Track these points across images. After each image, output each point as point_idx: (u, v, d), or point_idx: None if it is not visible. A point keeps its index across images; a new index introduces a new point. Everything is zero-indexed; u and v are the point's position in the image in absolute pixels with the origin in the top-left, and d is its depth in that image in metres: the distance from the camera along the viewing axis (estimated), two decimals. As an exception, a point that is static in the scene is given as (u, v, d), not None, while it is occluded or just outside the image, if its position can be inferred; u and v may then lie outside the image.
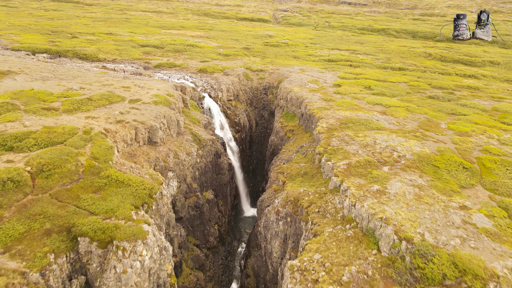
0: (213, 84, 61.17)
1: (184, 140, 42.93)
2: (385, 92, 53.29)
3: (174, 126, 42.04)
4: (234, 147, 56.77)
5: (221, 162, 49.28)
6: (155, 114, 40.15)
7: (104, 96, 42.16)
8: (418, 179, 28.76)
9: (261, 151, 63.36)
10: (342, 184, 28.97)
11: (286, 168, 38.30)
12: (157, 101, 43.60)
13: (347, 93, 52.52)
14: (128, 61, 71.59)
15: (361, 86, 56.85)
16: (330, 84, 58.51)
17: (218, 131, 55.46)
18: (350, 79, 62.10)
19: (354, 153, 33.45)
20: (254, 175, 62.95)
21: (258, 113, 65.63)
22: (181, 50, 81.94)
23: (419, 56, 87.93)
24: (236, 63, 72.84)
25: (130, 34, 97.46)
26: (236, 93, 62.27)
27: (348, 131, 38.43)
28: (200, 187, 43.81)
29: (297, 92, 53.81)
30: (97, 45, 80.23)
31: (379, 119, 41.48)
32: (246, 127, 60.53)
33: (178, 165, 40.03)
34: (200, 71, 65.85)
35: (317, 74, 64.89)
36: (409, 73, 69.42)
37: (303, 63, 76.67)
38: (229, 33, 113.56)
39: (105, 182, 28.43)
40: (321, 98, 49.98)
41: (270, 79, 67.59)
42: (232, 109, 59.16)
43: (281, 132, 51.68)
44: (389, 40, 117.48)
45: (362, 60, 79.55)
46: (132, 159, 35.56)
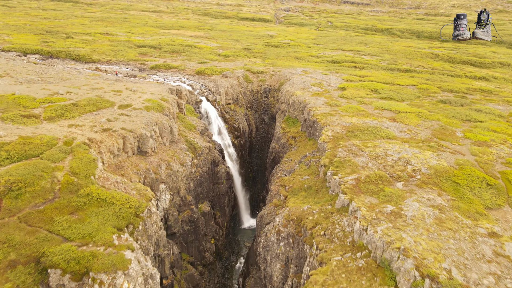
0: (211, 87, 57.86)
1: (178, 149, 39.63)
2: (393, 96, 49.87)
3: (167, 133, 38.75)
4: (233, 153, 53.47)
5: (218, 171, 45.98)
6: (146, 121, 36.87)
7: (91, 101, 38.89)
8: (437, 198, 25.37)
9: (262, 158, 60.03)
10: (351, 203, 25.62)
11: (287, 180, 34.95)
12: (149, 107, 40.33)
13: (353, 97, 49.12)
14: (123, 63, 68.34)
15: (367, 90, 53.43)
16: (334, 87, 55.12)
17: (216, 137, 52.17)
18: (355, 81, 58.68)
19: (363, 166, 30.09)
20: (254, 183, 59.61)
21: (258, 117, 62.29)
22: (179, 50, 78.62)
23: (426, 57, 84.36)
24: (236, 64, 69.49)
25: (127, 34, 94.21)
26: (236, 96, 58.95)
27: (356, 140, 35.06)
28: (195, 199, 40.52)
29: (299, 95, 50.45)
30: (92, 46, 77.02)
31: (389, 127, 38.08)
32: (246, 132, 57.20)
33: (171, 177, 36.74)
34: (197, 73, 62.55)
35: (320, 76, 61.49)
36: (417, 75, 65.94)
37: (306, 64, 73.25)
38: (229, 33, 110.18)
39: (85, 201, 25.16)
40: (325, 103, 46.61)
41: (271, 81, 64.23)
42: (231, 114, 55.84)
43: (283, 138, 48.34)
44: (394, 41, 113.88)
45: (367, 61, 76.06)
46: (119, 171, 32.28)
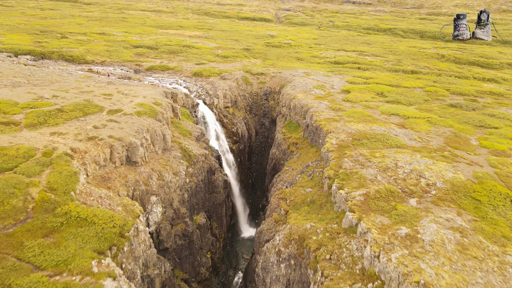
0: (209, 89, 55.08)
1: (171, 157, 36.84)
2: (400, 100, 47.02)
3: (159, 141, 35.97)
4: (231, 160, 50.67)
5: (215, 179, 43.21)
6: (137, 128, 34.10)
7: (78, 106, 36.13)
8: (456, 218, 22.56)
9: (262, 163, 57.23)
10: (360, 224, 22.82)
11: (289, 193, 32.14)
12: (141, 112, 37.56)
13: (358, 101, 46.29)
14: (118, 64, 65.59)
15: (372, 93, 50.59)
16: (338, 90, 52.29)
17: (213, 142, 49.39)
18: (359, 84, 55.84)
19: (372, 180, 27.29)
20: (253, 190, 56.79)
21: (258, 120, 59.50)
22: (176, 51, 75.84)
23: (432, 58, 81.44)
24: (235, 65, 66.69)
25: (124, 34, 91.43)
26: (234, 99, 56.15)
27: (363, 149, 32.25)
28: (190, 211, 37.75)
29: (301, 99, 47.64)
30: (87, 46, 74.27)
31: (398, 134, 35.25)
32: (245, 137, 54.40)
33: (163, 188, 33.96)
34: (195, 75, 59.76)
35: (323, 78, 58.66)
36: (424, 77, 63.07)
37: (307, 65, 70.42)
38: (229, 33, 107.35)
39: (62, 221, 22.40)
40: (328, 107, 43.80)
41: (271, 83, 61.42)
42: (229, 117, 53.05)
43: (284, 144, 45.55)
44: (397, 41, 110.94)
45: (371, 62, 73.19)
46: (105, 184, 29.52)
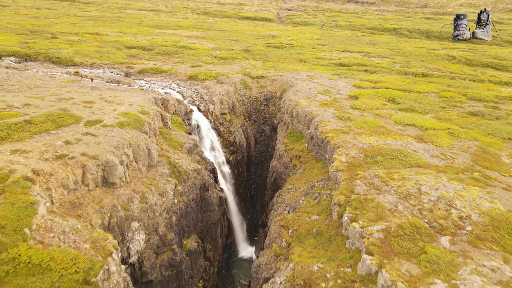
0: (204, 94, 50.39)
1: (158, 175, 32.16)
2: (414, 107, 42.24)
3: (143, 157, 31.30)
4: (228, 172, 45.97)
5: (209, 196, 38.53)
6: (117, 143, 29.44)
7: (51, 116, 31.48)
8: (504, 267, 17.80)
9: (261, 174, 52.52)
10: (382, 273, 18.09)
11: (291, 220, 27.41)
12: (123, 122, 32.90)
13: (368, 109, 41.53)
14: (108, 66, 60.97)
15: (383, 99, 45.81)
16: (344, 95, 47.52)
17: (208, 153, 44.71)
18: (368, 88, 51.06)
19: (391, 209, 22.56)
20: (252, 203, 52.07)
21: (257, 128, 54.76)
22: (171, 52, 71.17)
23: (442, 59, 76.50)
24: (233, 68, 61.96)
25: (118, 34, 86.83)
26: (232, 105, 51.45)
27: (378, 168, 27.51)
28: (179, 235, 33.08)
29: (304, 106, 42.92)
30: (77, 47, 69.66)
31: (417, 150, 30.47)
32: (243, 146, 49.69)
33: (146, 212, 29.31)
34: (189, 78, 55.08)
35: (328, 82, 53.89)
36: (436, 80, 58.22)
37: (311, 67, 65.64)
38: (228, 33, 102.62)
39: (8, 269, 17.77)
40: (335, 116, 39.06)
41: (272, 87, 56.68)
42: (226, 125, 48.35)
43: (285, 157, 40.84)
44: (404, 41, 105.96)
45: (378, 64, 68.36)
46: (75, 211, 24.88)
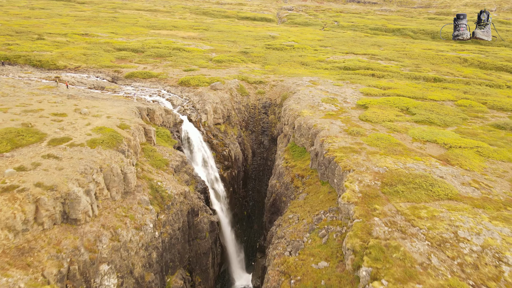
0: (196, 102, 45.21)
1: (135, 203, 27.00)
2: (432, 119, 37.05)
3: (118, 182, 26.16)
4: (221, 190, 40.81)
5: (198, 221, 33.39)
6: (84, 167, 24.30)
7: (8, 134, 26.33)
8: None
9: (259, 190, 47.36)
10: None
11: (294, 265, 22.21)
12: (96, 140, 27.75)
13: (380, 121, 36.35)
14: (94, 70, 55.81)
15: (395, 108, 40.63)
16: (352, 104, 42.33)
17: (199, 170, 39.57)
18: (377, 96, 45.87)
19: (423, 264, 17.39)
20: (249, 222, 46.84)
21: (255, 139, 49.56)
22: (164, 55, 65.98)
23: (453, 62, 71.22)
24: (230, 72, 56.76)
25: (109, 35, 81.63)
26: (227, 113, 46.28)
27: (399, 201, 22.32)
28: (161, 273, 27.94)
29: (307, 117, 37.75)
30: (63, 49, 64.50)
31: (444, 175, 25.27)
32: (239, 160, 44.51)
33: (119, 251, 24.17)
34: (181, 84, 49.89)
35: (332, 88, 48.70)
36: (450, 86, 52.98)
37: (313, 72, 60.43)
38: (226, 33, 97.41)
39: None
40: (343, 130, 33.88)
41: (271, 94, 51.48)
42: (220, 137, 43.18)
43: (286, 175, 35.66)
44: (409, 42, 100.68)
45: (386, 67, 63.13)
46: (23, 259, 19.75)
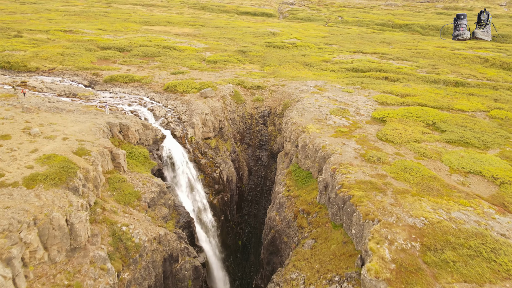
0: (183, 113, 38.11)
1: (86, 263, 20.02)
2: (467, 138, 29.86)
3: (60, 238, 19.20)
4: (210, 221, 33.85)
5: (179, 269, 26.49)
6: (8, 222, 17.34)
7: None
8: None
9: (257, 215, 40.39)
10: None
11: None
12: (38, 176, 20.77)
13: (403, 141, 29.18)
14: (70, 72, 48.66)
15: (419, 122, 33.42)
16: (366, 116, 35.16)
17: (183, 197, 32.58)
18: (395, 105, 38.68)
19: None
20: (244, 254, 39.71)
21: (252, 154, 42.47)
22: (152, 54, 58.74)
23: (473, 62, 63.69)
24: (224, 75, 49.50)
25: (96, 32, 74.26)
26: (219, 125, 39.20)
27: (452, 279, 15.28)
28: None
29: (314, 135, 30.65)
30: (40, 48, 57.31)
31: (507, 232, 18.17)
32: (233, 182, 37.50)
33: None
34: (167, 90, 42.73)
35: (342, 95, 41.48)
36: (476, 92, 45.65)
37: (319, 74, 53.12)
38: (224, 30, 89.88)
39: None
40: (359, 154, 26.76)
41: (271, 101, 44.29)
42: (209, 155, 36.11)
43: (288, 208, 28.65)
44: (420, 39, 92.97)
45: (400, 69, 55.74)
46: None
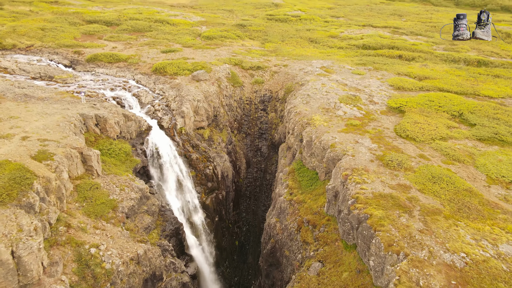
0: (172, 99, 33.34)
1: (41, 303, 16.12)
2: (502, 134, 25.16)
3: (3, 277, 15.07)
4: (202, 223, 29.87)
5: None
6: None
7: None
8: None
9: (256, 212, 36.43)
10: None
11: None
12: (-19, 193, 16.51)
13: (427, 138, 24.55)
14: (50, 50, 43.53)
15: (443, 113, 28.60)
16: (381, 105, 30.32)
17: (171, 198, 28.46)
18: (412, 90, 33.70)
19: None
20: (242, 255, 35.88)
21: (251, 144, 37.97)
22: (143, 28, 53.10)
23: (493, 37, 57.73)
24: (220, 54, 44.19)
25: (83, 4, 68.05)
26: (213, 113, 34.54)
27: None
28: None
29: (321, 128, 26.05)
30: (19, 22, 51.76)
31: None
32: (228, 177, 33.24)
33: None
34: (155, 72, 37.74)
35: (352, 79, 36.40)
36: (502, 73, 40.27)
37: (326, 52, 47.64)
38: (222, 1, 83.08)
39: None
40: (376, 157, 22.22)
41: (272, 84, 39.29)
42: (202, 148, 31.68)
43: (290, 215, 24.50)
44: (433, 10, 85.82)
45: (414, 46, 50.04)
46: None
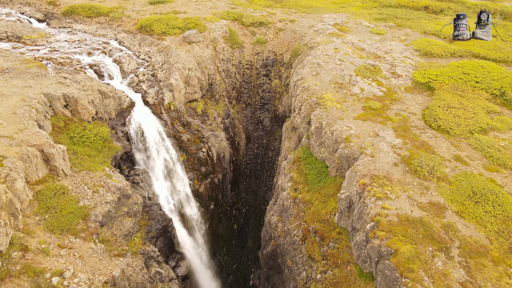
0: (159, 66, 28.09)
1: None
2: (556, 126, 20.35)
3: None
4: (195, 215, 26.38)
5: (148, 299, 19.85)
6: None
7: None
8: None
9: (257, 192, 32.79)
10: None
11: None
12: None
13: (463, 131, 19.80)
14: (21, 1, 37.25)
15: (481, 92, 23.41)
16: (405, 79, 25.02)
17: (159, 186, 24.69)
18: (442, 57, 28.04)
19: None
20: (241, 239, 32.71)
21: (251, 115, 33.13)
22: (129, -28, 45.53)
23: (533, -16, 49.40)
24: (217, 5, 37.52)
25: None
26: (208, 81, 29.44)
27: None
28: None
29: (333, 112, 21.30)
30: (-12, -36, 44.42)
31: None
32: (225, 158, 29.08)
33: None
34: (141, 30, 31.88)
35: (370, 41, 30.42)
36: (546, 33, 34.02)
37: (339, 3, 40.56)
38: None
39: None
40: (400, 158, 17.73)
41: (276, 44, 33.39)
42: (194, 126, 27.16)
43: (294, 217, 20.80)
44: None
45: (442, -6, 42.59)
46: None
